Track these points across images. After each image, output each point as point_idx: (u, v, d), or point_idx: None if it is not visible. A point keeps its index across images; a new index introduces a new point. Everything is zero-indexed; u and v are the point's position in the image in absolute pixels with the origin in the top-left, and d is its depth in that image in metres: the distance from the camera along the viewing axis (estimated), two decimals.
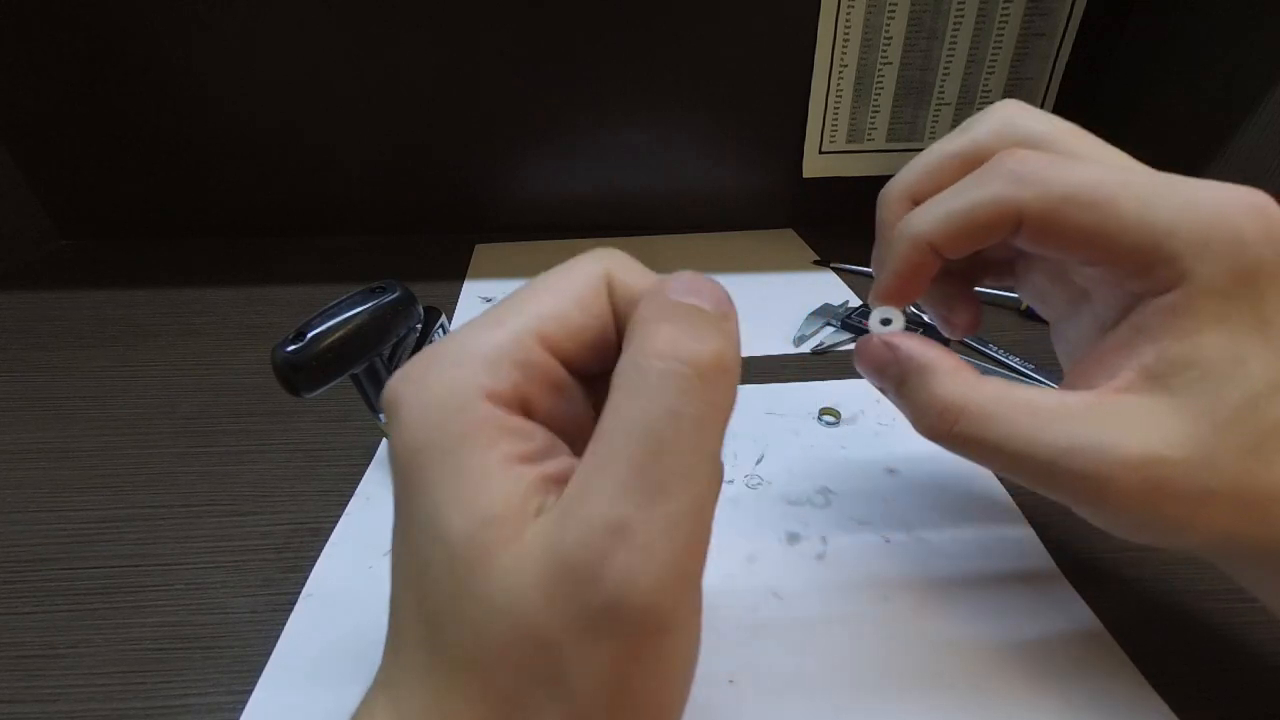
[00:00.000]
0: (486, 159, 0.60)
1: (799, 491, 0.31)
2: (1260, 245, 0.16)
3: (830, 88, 0.57)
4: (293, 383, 0.19)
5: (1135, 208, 0.17)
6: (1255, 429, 0.16)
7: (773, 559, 0.28)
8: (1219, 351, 0.16)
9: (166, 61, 0.53)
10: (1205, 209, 0.16)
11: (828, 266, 0.55)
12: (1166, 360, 0.17)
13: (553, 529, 0.12)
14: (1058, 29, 0.55)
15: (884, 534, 0.29)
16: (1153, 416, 0.16)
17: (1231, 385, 0.16)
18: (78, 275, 0.55)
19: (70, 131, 0.56)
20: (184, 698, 0.23)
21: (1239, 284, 0.16)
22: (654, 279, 0.16)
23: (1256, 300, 0.16)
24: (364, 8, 0.51)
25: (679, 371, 0.13)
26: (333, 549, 0.29)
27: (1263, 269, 0.16)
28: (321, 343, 0.19)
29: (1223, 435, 0.16)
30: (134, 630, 0.25)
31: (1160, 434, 0.16)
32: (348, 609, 0.26)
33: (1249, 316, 0.16)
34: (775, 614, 0.26)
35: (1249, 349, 0.16)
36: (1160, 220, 0.16)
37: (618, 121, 0.58)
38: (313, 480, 0.32)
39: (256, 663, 0.24)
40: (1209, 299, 0.16)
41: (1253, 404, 0.16)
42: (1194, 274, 0.16)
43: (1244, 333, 0.16)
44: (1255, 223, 0.16)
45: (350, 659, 0.24)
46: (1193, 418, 0.16)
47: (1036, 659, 0.24)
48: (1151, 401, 0.17)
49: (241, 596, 0.27)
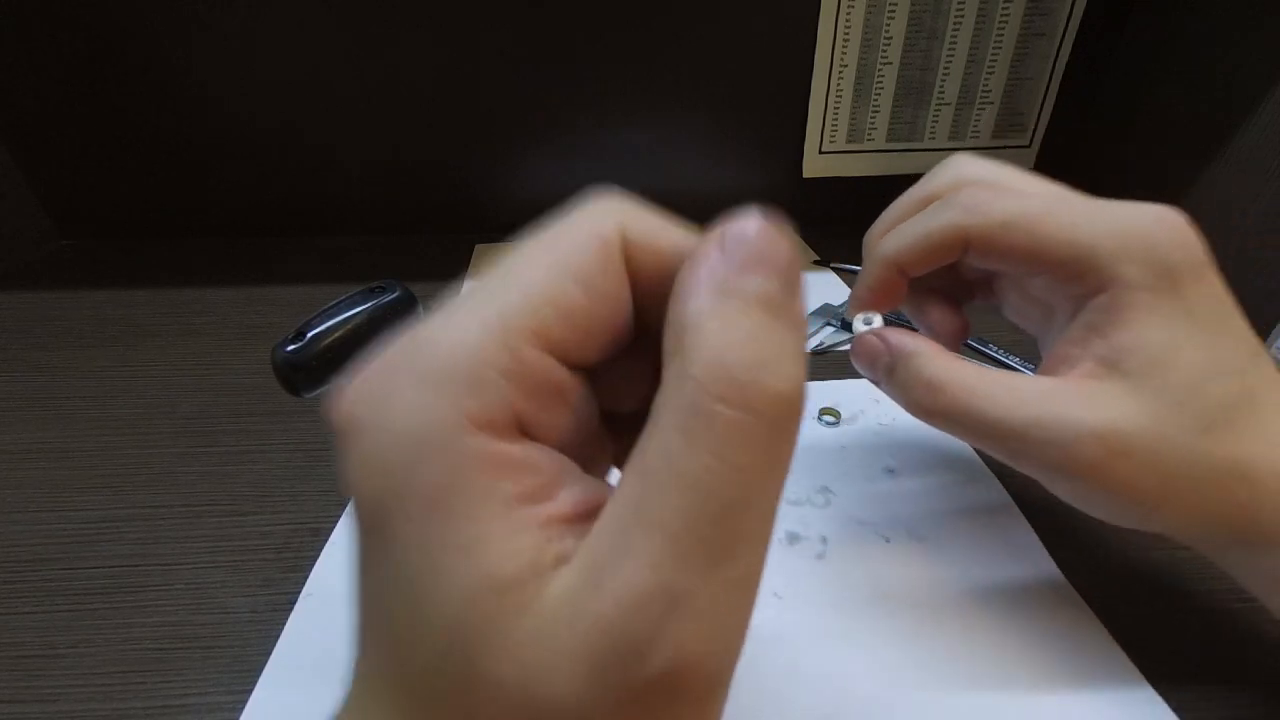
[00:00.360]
0: (486, 159, 0.60)
1: (799, 491, 0.31)
2: (1170, 248, 0.19)
3: (830, 88, 0.57)
4: (293, 382, 0.19)
5: (1061, 226, 0.20)
6: (1202, 407, 0.18)
7: (772, 559, 0.27)
8: (1158, 337, 0.19)
9: (166, 61, 0.53)
10: (1123, 222, 0.20)
11: (828, 266, 0.55)
12: (1116, 349, 0.19)
13: (585, 593, 0.10)
14: (1058, 29, 0.55)
15: (884, 533, 0.29)
16: (1110, 396, 0.19)
17: (1174, 367, 0.19)
18: (78, 275, 0.55)
19: (70, 131, 0.56)
20: (184, 698, 0.23)
21: (1159, 280, 0.19)
22: (687, 236, 0.13)
23: (1178, 294, 0.19)
24: (364, 7, 0.51)
25: (750, 424, 0.10)
26: (333, 548, 0.29)
27: (1178, 268, 0.19)
28: (321, 342, 0.19)
29: (1173, 411, 0.18)
30: (134, 630, 0.25)
31: (1118, 409, 0.19)
32: (347, 608, 0.26)
33: (1175, 307, 0.19)
34: (775, 614, 0.26)
35: (1182, 335, 0.19)
36: (1083, 235, 0.20)
37: (618, 121, 0.58)
38: (313, 480, 0.32)
39: (256, 663, 0.24)
40: (1137, 294, 0.19)
41: (1196, 383, 0.18)
42: (1119, 275, 0.19)
43: (1175, 321, 0.19)
44: (1165, 231, 0.19)
45: (349, 658, 0.24)
46: (1146, 396, 0.19)
47: (1037, 660, 0.24)
48: (1109, 384, 0.19)
49: (241, 596, 0.27)
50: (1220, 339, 0.19)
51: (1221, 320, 0.19)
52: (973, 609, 0.26)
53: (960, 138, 0.60)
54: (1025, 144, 0.61)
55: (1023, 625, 0.25)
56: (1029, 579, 0.27)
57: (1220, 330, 0.19)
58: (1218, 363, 0.19)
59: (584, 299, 0.12)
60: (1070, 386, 0.20)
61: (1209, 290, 0.19)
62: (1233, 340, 0.19)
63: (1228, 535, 0.19)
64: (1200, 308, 0.19)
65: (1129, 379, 0.19)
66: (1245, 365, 0.19)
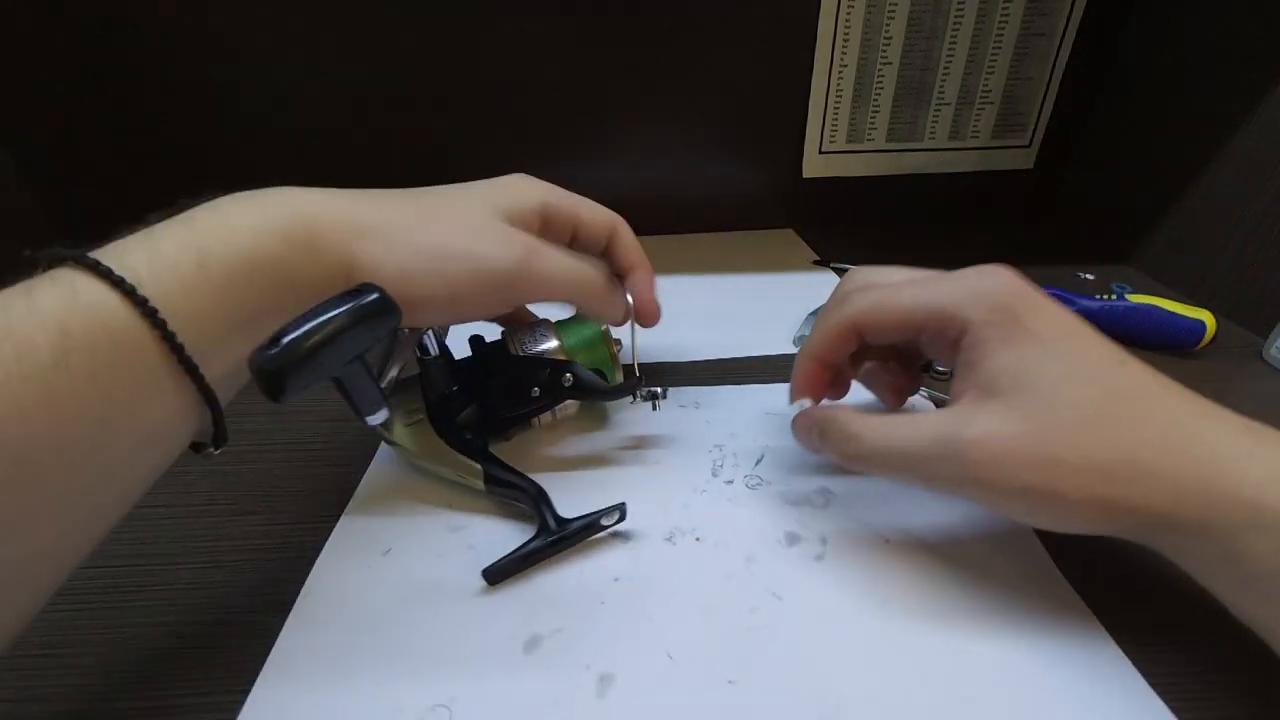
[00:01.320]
0: (487, 159, 0.59)
1: (798, 492, 0.31)
2: (1000, 292, 0.24)
3: (830, 88, 0.57)
4: (271, 388, 0.19)
5: (916, 296, 0.26)
6: (1067, 407, 0.22)
7: (772, 560, 0.28)
8: (1014, 359, 0.23)
9: (168, 62, 0.53)
10: (960, 280, 0.25)
11: (828, 266, 0.55)
12: (986, 375, 0.23)
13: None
14: (1058, 29, 0.55)
15: (883, 535, 0.29)
16: (989, 412, 0.23)
17: (1035, 379, 0.23)
18: None
19: (70, 131, 0.56)
20: (184, 698, 0.23)
21: (1001, 315, 0.24)
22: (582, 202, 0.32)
23: (1021, 324, 0.23)
24: (367, 9, 0.51)
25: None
26: (334, 545, 0.29)
27: (1011, 305, 0.24)
28: (298, 347, 0.19)
29: (1042, 414, 0.22)
30: (134, 630, 0.25)
31: (995, 420, 0.23)
32: (346, 607, 0.26)
33: (1022, 334, 0.23)
34: (775, 615, 0.26)
35: (1034, 355, 0.23)
36: (934, 297, 0.25)
37: (617, 122, 0.58)
38: (313, 480, 0.32)
39: (256, 663, 0.24)
40: (989, 329, 0.24)
41: (1057, 389, 0.22)
42: (973, 319, 0.24)
43: (1025, 345, 0.23)
44: (993, 280, 0.24)
45: (348, 657, 0.24)
46: (1016, 406, 0.23)
47: (1038, 662, 0.24)
48: (988, 404, 0.23)
49: (241, 596, 0.27)
50: (1071, 352, 0.23)
51: (1068, 338, 0.23)
52: (972, 612, 0.25)
53: (960, 138, 0.60)
54: (1025, 144, 0.61)
55: (1024, 630, 0.25)
56: (1030, 582, 0.27)
57: (1069, 346, 0.23)
58: (1074, 370, 0.23)
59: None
60: (957, 412, 0.24)
61: (1048, 317, 0.24)
62: (1085, 352, 0.23)
63: (1138, 524, 0.22)
64: (1045, 332, 0.23)
65: (1001, 397, 0.23)
66: (1102, 370, 0.23)
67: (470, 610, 0.26)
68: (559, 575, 0.27)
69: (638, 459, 0.34)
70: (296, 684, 0.23)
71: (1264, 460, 0.21)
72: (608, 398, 0.31)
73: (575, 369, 0.31)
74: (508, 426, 0.32)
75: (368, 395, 0.23)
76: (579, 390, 0.31)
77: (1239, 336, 0.45)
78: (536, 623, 0.25)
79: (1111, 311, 0.44)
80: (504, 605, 0.26)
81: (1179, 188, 0.51)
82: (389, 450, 0.33)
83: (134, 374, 0.19)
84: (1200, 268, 0.49)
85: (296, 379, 0.19)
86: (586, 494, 0.30)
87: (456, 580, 0.27)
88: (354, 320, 0.20)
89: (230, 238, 0.21)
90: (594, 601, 0.26)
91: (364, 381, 0.23)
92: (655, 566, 0.28)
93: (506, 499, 0.30)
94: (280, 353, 0.19)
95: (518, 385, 0.31)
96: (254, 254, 0.21)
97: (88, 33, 0.51)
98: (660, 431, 0.35)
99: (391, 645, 0.25)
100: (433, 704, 0.22)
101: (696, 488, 0.32)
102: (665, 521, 0.30)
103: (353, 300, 0.20)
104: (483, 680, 0.23)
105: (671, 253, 0.59)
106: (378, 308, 0.21)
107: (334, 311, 0.20)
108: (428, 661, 0.24)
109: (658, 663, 0.24)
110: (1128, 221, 0.56)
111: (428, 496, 0.31)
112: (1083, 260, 0.56)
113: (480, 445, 0.30)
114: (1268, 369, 0.42)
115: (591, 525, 0.28)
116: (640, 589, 0.27)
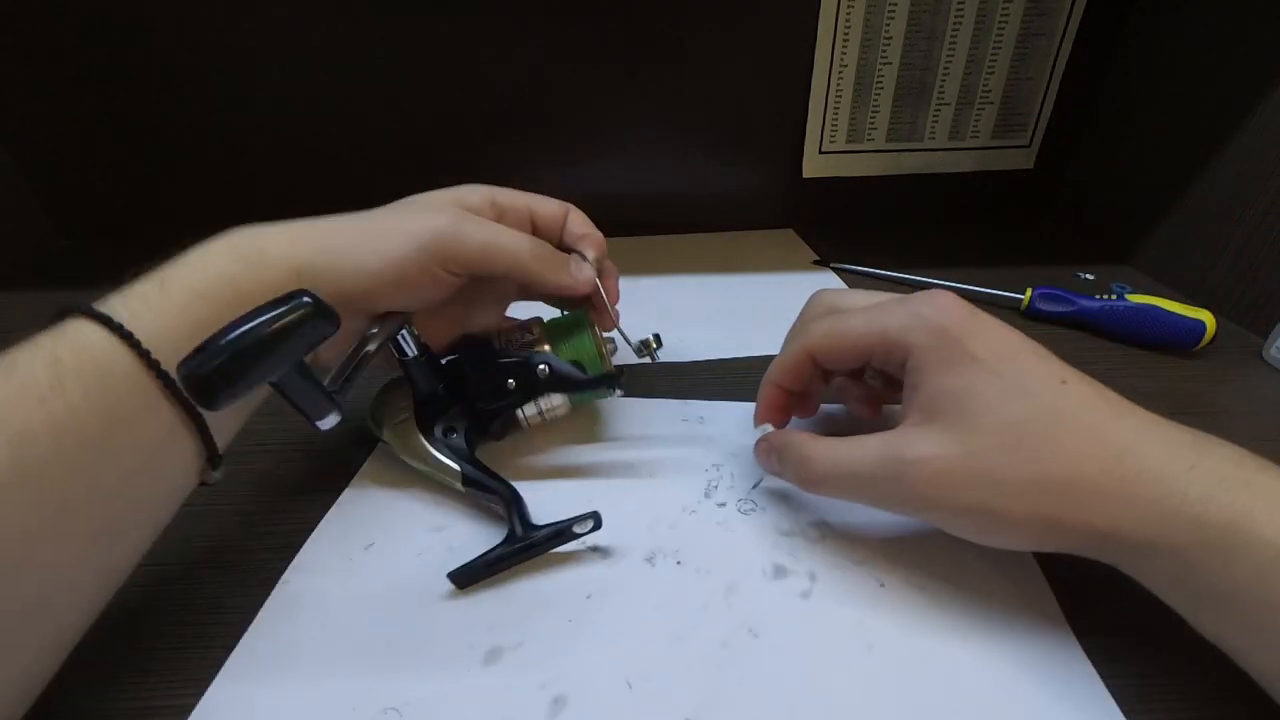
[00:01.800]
0: (487, 160, 0.60)
1: (793, 522, 0.30)
2: (939, 317, 0.25)
3: (830, 88, 0.57)
4: (199, 394, 0.19)
5: (861, 324, 0.27)
6: (1004, 430, 0.22)
7: (753, 591, 0.26)
8: (954, 383, 0.24)
9: (168, 62, 0.53)
10: (905, 306, 0.26)
11: (828, 266, 0.55)
12: (927, 398, 0.24)
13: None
14: (1058, 29, 0.55)
15: (878, 577, 0.27)
16: (928, 434, 0.24)
17: (972, 401, 0.23)
18: (78, 275, 0.55)
19: (70, 131, 0.56)
20: (183, 697, 0.23)
21: (943, 340, 0.24)
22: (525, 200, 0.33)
23: (961, 348, 0.24)
24: (365, 13, 0.51)
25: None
26: (320, 533, 0.29)
27: (950, 330, 0.24)
28: (219, 355, 0.19)
29: (978, 436, 0.23)
30: (134, 630, 0.25)
31: (934, 442, 0.23)
32: (319, 602, 0.26)
33: (962, 357, 0.24)
34: (747, 651, 0.24)
35: (971, 377, 0.23)
36: (878, 324, 0.26)
37: (617, 122, 0.58)
38: (313, 480, 0.32)
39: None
40: (930, 353, 0.24)
41: (993, 411, 0.23)
42: (914, 344, 0.25)
43: (964, 369, 0.24)
44: (933, 306, 0.25)
45: (312, 653, 0.24)
46: (954, 428, 0.23)
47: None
48: (928, 427, 0.24)
49: (241, 596, 0.27)
50: (1011, 373, 0.23)
51: (1009, 359, 0.24)
52: (968, 671, 0.23)
53: (960, 138, 0.60)
54: (1025, 144, 0.61)
55: (1026, 695, 0.22)
56: (1043, 651, 0.24)
57: (1009, 366, 0.23)
58: (1013, 390, 0.23)
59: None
60: (900, 434, 0.25)
61: (989, 339, 0.24)
62: (1025, 371, 0.23)
63: (1086, 543, 0.22)
64: (985, 353, 0.24)
65: (942, 419, 0.24)
66: (1042, 388, 0.23)
67: (438, 614, 0.25)
68: (532, 585, 0.27)
69: (630, 471, 0.33)
70: (257, 679, 0.23)
71: (1205, 475, 0.20)
72: (585, 389, 0.31)
73: (550, 360, 0.31)
74: (490, 421, 0.32)
75: (311, 400, 0.23)
76: (555, 382, 0.31)
77: (1239, 336, 0.45)
78: (501, 634, 0.25)
79: (1111, 311, 0.44)
80: (471, 612, 0.26)
81: (1179, 188, 0.51)
82: (387, 446, 0.33)
83: (121, 391, 0.21)
84: (1200, 268, 0.49)
85: (225, 386, 0.19)
86: (573, 504, 0.29)
87: (429, 582, 0.27)
88: (280, 326, 0.20)
89: (186, 263, 0.24)
90: (561, 618, 0.25)
91: (305, 386, 0.23)
92: (630, 587, 0.27)
93: (484, 501, 0.30)
94: (201, 360, 0.19)
95: (494, 378, 0.31)
96: (207, 273, 0.24)
97: (88, 33, 0.51)
98: (657, 444, 0.35)
99: (356, 643, 0.24)
100: (384, 706, 0.22)
101: (687, 507, 0.30)
102: (649, 540, 0.29)
103: (279, 306, 0.20)
104: (437, 687, 0.23)
105: (671, 253, 0.59)
106: (307, 312, 0.20)
107: (259, 319, 0.20)
108: (388, 663, 0.24)
109: (616, 690, 0.23)
110: (1128, 221, 0.56)
111: (417, 494, 0.31)
112: (1083, 260, 0.56)
113: (462, 446, 0.30)
114: (1268, 369, 0.42)
115: (562, 533, 0.27)
116: (611, 610, 0.26)
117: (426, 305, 0.29)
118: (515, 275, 0.30)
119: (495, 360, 0.31)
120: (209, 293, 0.23)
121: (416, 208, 0.30)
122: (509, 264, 0.29)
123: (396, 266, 0.27)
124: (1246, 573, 0.19)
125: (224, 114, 0.56)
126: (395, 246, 0.27)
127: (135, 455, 0.21)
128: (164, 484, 0.23)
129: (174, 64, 0.53)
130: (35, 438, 0.19)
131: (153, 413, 0.22)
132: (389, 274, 0.26)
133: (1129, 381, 0.41)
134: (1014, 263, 0.55)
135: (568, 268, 0.32)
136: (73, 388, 0.20)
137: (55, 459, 0.19)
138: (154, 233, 0.61)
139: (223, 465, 0.25)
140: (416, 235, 0.27)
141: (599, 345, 0.33)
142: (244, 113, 0.56)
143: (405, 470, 0.32)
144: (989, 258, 0.57)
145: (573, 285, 0.32)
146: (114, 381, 0.21)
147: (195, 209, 0.61)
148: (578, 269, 0.32)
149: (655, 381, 0.40)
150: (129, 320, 0.21)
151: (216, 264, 0.24)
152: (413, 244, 0.27)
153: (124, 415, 0.21)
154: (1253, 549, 0.19)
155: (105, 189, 0.59)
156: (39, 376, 0.20)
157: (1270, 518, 0.19)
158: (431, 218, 0.28)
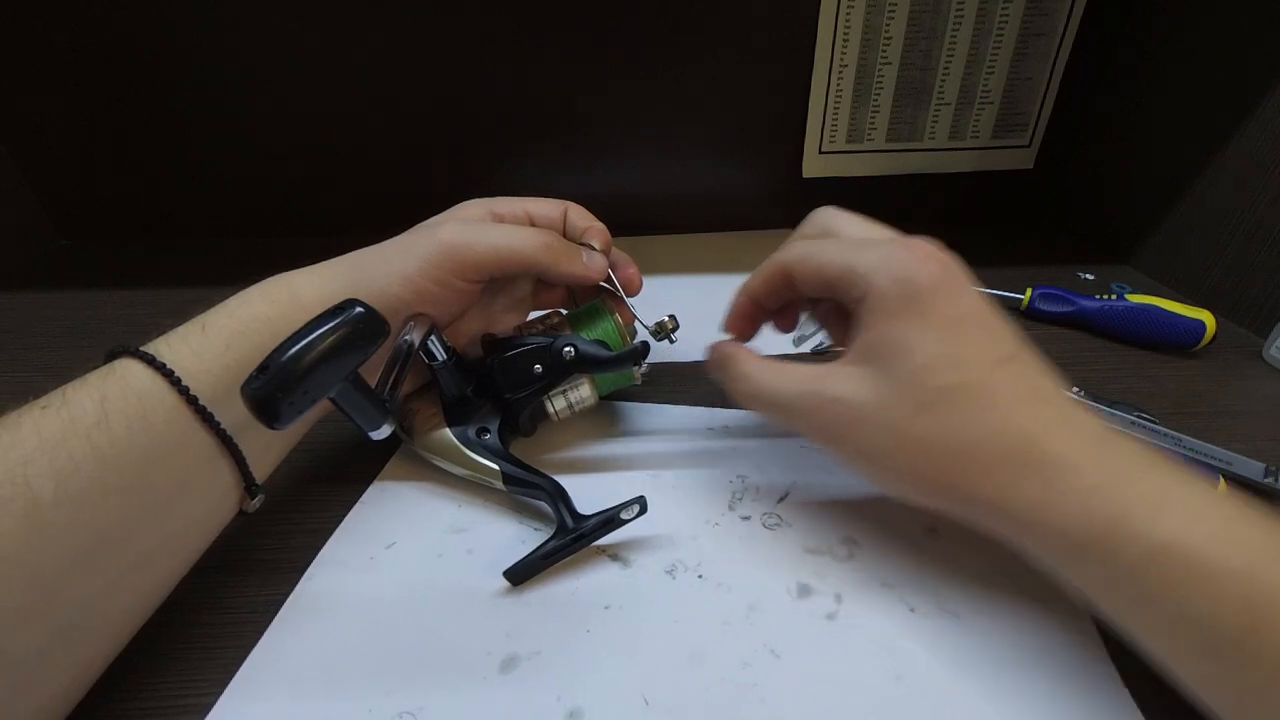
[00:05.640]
0: (488, 160, 0.60)
1: (820, 539, 0.28)
2: (913, 267, 0.24)
3: (830, 88, 0.57)
4: (264, 414, 0.19)
5: (834, 255, 0.26)
6: (921, 391, 0.23)
7: (777, 610, 0.25)
8: (896, 334, 0.24)
9: (168, 62, 0.53)
10: (883, 249, 0.25)
11: None
12: (867, 342, 0.24)
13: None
14: (1058, 29, 0.55)
15: (909, 601, 0.26)
16: (854, 378, 0.24)
17: (904, 358, 0.23)
18: (78, 275, 0.55)
19: (70, 131, 0.56)
20: (183, 698, 0.23)
21: (902, 289, 0.24)
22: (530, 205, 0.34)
23: (920, 302, 0.23)
24: (364, 12, 0.52)
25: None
26: (343, 532, 0.29)
27: (917, 280, 0.23)
28: (286, 370, 0.19)
29: (896, 392, 0.23)
30: (151, 630, 0.25)
31: (856, 386, 0.24)
32: (337, 601, 0.26)
33: (913, 313, 0.23)
34: (767, 674, 0.23)
35: (915, 335, 0.23)
36: (849, 259, 0.25)
37: (617, 122, 0.58)
38: (314, 480, 0.33)
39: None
40: (884, 300, 0.24)
41: (919, 372, 0.23)
42: (873, 285, 0.24)
43: (912, 323, 0.23)
44: (911, 254, 0.24)
45: (329, 654, 0.24)
46: (879, 378, 0.24)
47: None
48: (858, 369, 0.24)
49: (241, 596, 0.27)
50: (954, 342, 0.23)
51: (957, 325, 0.23)
52: (1003, 709, 0.22)
53: (960, 138, 0.60)
54: (1025, 144, 0.61)
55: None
56: (1081, 687, 0.22)
57: (954, 333, 0.23)
58: (943, 359, 0.23)
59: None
60: (832, 369, 0.25)
61: (949, 300, 0.24)
62: (966, 342, 0.23)
63: (978, 513, 0.23)
64: (937, 313, 0.23)
65: (871, 365, 0.24)
66: (975, 363, 0.23)
67: (456, 618, 0.25)
68: (550, 592, 0.26)
69: (654, 479, 0.32)
70: (274, 680, 0.23)
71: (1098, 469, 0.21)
72: (611, 366, 0.31)
73: (575, 341, 0.31)
74: (518, 416, 0.32)
75: (366, 412, 0.23)
76: (581, 362, 0.31)
77: (1239, 336, 0.45)
78: (517, 641, 0.24)
79: (1111, 311, 0.44)
80: (489, 617, 0.25)
81: (1179, 188, 0.50)
82: (410, 446, 0.33)
83: (160, 424, 0.22)
84: (1200, 268, 0.49)
85: (288, 403, 0.19)
86: (597, 510, 0.28)
87: (449, 585, 0.27)
88: (340, 335, 0.20)
89: (224, 308, 0.26)
90: (579, 628, 0.25)
91: (360, 398, 0.23)
92: (650, 600, 0.26)
93: (526, 497, 0.30)
94: (268, 381, 0.19)
95: (521, 365, 0.31)
96: (244, 316, 0.26)
97: (88, 34, 0.51)
98: (681, 452, 0.34)
99: (374, 645, 0.24)
100: (400, 710, 0.22)
101: (709, 519, 0.30)
102: (670, 552, 0.28)
103: (334, 318, 0.20)
104: (453, 693, 0.23)
105: (671, 253, 0.59)
106: (361, 320, 0.21)
107: (319, 330, 0.20)
108: (405, 666, 0.24)
109: (632, 706, 0.22)
110: (1128, 221, 0.56)
111: (440, 494, 0.31)
112: (1083, 260, 0.56)
113: (498, 445, 0.30)
114: (1268, 369, 0.42)
115: (610, 521, 0.27)
116: (629, 622, 0.25)
117: (450, 317, 0.30)
118: (528, 270, 0.31)
119: (517, 345, 0.31)
120: (246, 333, 0.25)
121: (423, 230, 0.31)
122: (520, 261, 0.30)
123: (415, 283, 0.28)
124: (1125, 564, 0.20)
125: (224, 114, 0.56)
126: (412, 265, 0.28)
127: (173, 486, 0.23)
128: (200, 513, 0.24)
129: (174, 64, 0.53)
130: (80, 469, 0.20)
131: (190, 444, 0.23)
132: (409, 292, 0.28)
133: (1128, 382, 0.41)
134: (1014, 262, 0.55)
135: (579, 257, 0.32)
136: (116, 422, 0.21)
137: (98, 490, 0.20)
138: (154, 233, 0.61)
139: (260, 495, 0.26)
140: (427, 251, 0.29)
141: (620, 327, 0.33)
142: (244, 113, 0.56)
143: (427, 470, 0.32)
144: (989, 258, 0.56)
145: (586, 273, 0.32)
146: (155, 416, 0.22)
147: (195, 209, 0.61)
148: (589, 257, 0.32)
149: (676, 384, 0.40)
150: (170, 359, 0.23)
151: (252, 307, 0.26)
152: (426, 260, 0.28)
153: (163, 447, 0.22)
154: (1130, 541, 0.19)
155: (105, 189, 0.59)
156: (87, 411, 0.21)
157: (1149, 514, 0.19)
158: (436, 233, 0.29)
